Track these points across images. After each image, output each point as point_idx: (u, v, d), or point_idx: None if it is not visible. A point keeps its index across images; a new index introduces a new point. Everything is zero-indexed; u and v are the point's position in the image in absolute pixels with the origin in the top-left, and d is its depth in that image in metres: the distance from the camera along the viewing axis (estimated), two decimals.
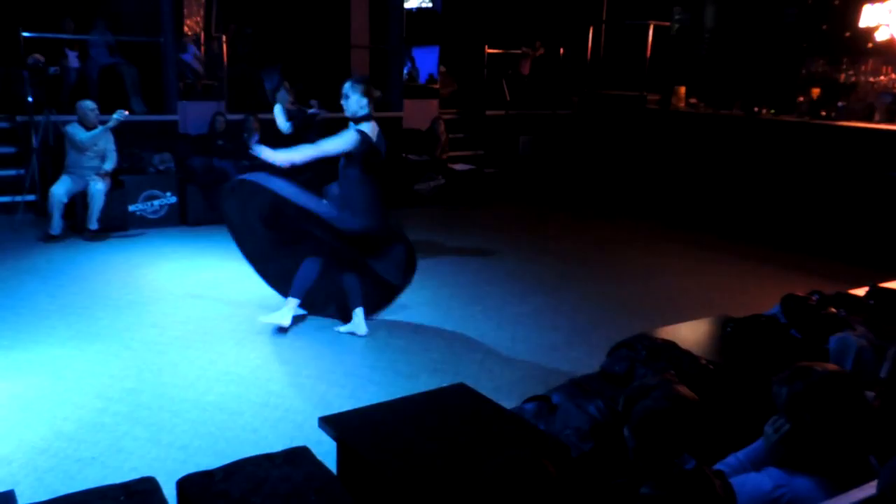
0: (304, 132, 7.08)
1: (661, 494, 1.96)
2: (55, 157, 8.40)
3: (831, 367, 2.31)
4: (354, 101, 5.17)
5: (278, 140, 6.89)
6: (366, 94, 5.19)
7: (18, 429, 3.96)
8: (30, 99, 8.51)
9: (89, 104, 7.84)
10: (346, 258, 5.44)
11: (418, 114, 11.38)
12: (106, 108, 9.76)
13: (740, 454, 2.44)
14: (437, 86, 12.91)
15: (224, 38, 10.23)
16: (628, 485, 2.14)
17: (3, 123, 9.10)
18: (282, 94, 7.53)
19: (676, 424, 2.08)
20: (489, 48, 12.29)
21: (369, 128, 5.17)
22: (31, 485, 3.47)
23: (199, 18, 11.77)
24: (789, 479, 2.19)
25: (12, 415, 4.11)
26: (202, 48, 11.21)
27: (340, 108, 5.32)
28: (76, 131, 7.69)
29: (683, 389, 2.15)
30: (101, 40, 10.03)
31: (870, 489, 1.98)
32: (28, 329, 5.32)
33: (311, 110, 7.78)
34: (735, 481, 2.22)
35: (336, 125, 6.22)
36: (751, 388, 3.19)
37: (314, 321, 5.72)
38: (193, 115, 9.62)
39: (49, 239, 7.58)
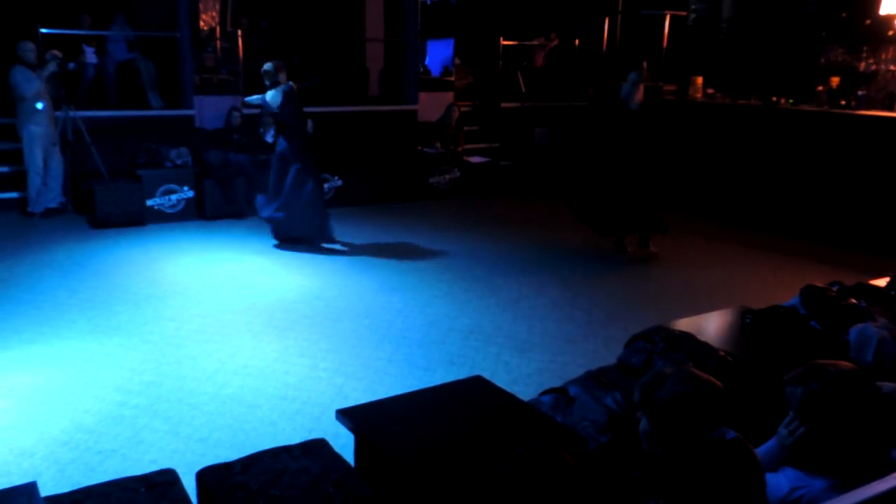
0: None
1: (704, 466, 1.94)
2: (74, 152, 8.48)
3: (844, 364, 2.26)
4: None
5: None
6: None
7: (40, 421, 4.01)
8: None
9: None
10: None
11: (434, 107, 11.36)
12: (123, 103, 9.88)
13: None
14: (452, 78, 12.88)
15: (239, 32, 10.25)
16: (645, 476, 2.13)
17: None
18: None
19: (703, 404, 2.04)
20: (504, 40, 12.24)
21: None
22: (53, 476, 3.51)
23: (214, 13, 11.81)
24: (808, 479, 2.16)
25: (34, 408, 4.16)
26: (218, 42, 11.24)
27: (357, 99, 5.37)
28: None
29: (701, 373, 2.12)
30: (120, 35, 10.09)
31: (889, 482, 1.95)
32: (48, 323, 5.38)
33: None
34: None
35: None
36: (770, 379, 3.16)
37: (330, 313, 5.74)
38: (209, 110, 9.66)
39: None
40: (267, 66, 7.30)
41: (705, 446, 2.00)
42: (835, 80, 9.07)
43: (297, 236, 7.46)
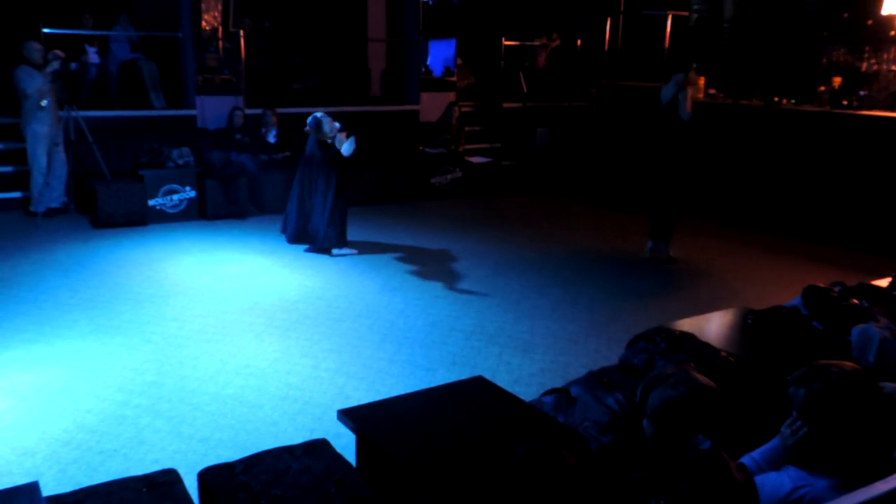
0: None
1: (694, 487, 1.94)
2: (76, 152, 8.49)
3: (847, 364, 2.26)
4: None
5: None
6: None
7: (42, 421, 4.02)
8: None
9: None
10: None
11: (435, 107, 11.37)
12: (126, 103, 9.89)
13: (755, 454, 2.41)
14: (454, 78, 12.89)
15: (242, 32, 10.26)
16: (647, 477, 2.13)
17: None
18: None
19: (695, 410, 2.05)
20: (506, 40, 12.24)
21: None
22: (55, 476, 3.52)
23: (217, 13, 11.82)
24: (810, 479, 2.16)
25: (36, 407, 4.17)
26: (220, 42, 11.25)
27: (359, 99, 5.39)
28: None
29: (701, 376, 2.13)
30: (123, 35, 10.10)
31: (891, 483, 1.95)
32: (51, 323, 5.39)
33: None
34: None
35: None
36: (772, 380, 3.16)
37: (332, 313, 5.75)
38: (211, 110, 9.67)
39: None
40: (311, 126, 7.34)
41: (681, 455, 2.01)
42: (837, 81, 9.06)
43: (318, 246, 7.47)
